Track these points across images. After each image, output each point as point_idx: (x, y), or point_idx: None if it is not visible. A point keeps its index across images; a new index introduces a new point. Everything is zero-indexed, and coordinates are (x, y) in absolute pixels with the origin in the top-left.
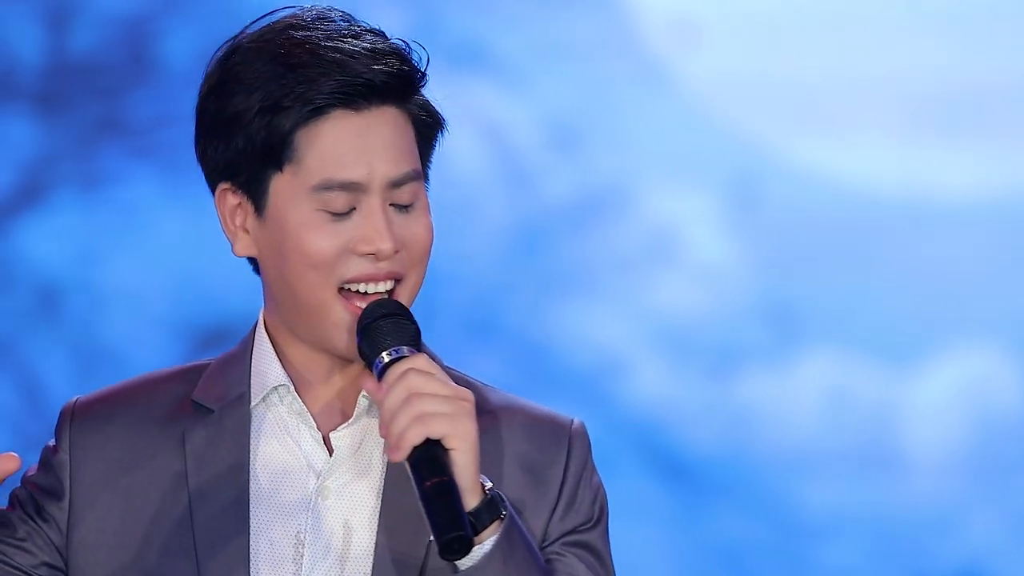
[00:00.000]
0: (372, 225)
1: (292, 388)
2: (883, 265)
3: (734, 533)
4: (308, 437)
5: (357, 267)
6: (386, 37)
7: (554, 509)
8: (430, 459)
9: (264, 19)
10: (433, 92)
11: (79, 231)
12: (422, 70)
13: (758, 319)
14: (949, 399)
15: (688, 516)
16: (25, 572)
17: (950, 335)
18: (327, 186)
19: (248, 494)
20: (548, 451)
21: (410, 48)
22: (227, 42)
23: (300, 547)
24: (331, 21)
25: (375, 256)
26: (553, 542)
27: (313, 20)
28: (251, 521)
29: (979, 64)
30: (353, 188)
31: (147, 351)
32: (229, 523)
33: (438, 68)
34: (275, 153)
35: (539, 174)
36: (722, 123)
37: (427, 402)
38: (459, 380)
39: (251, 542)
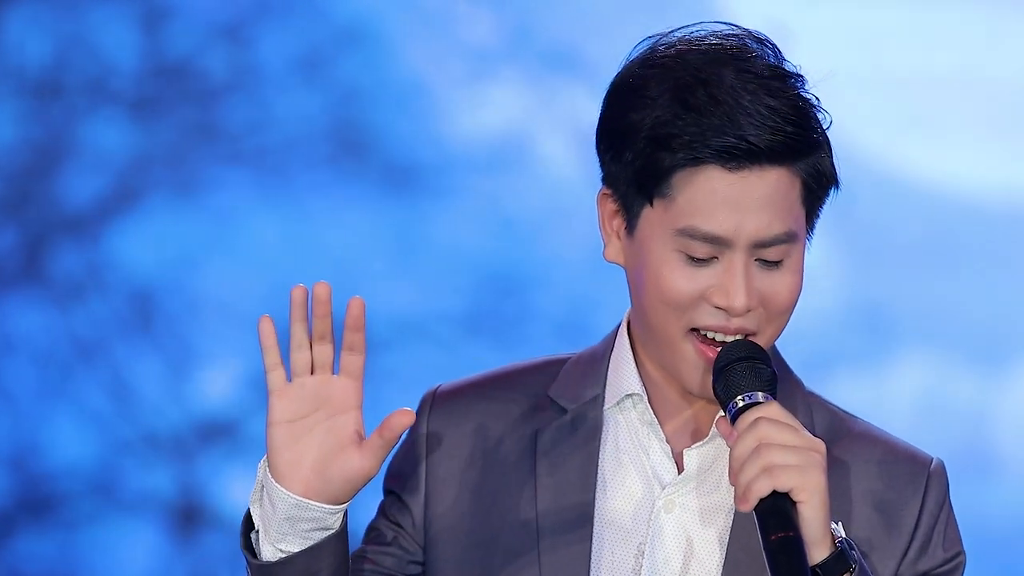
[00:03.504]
0: (730, 280)
1: (645, 399)
2: (976, 268)
3: None
4: (657, 449)
5: (708, 316)
6: (795, 86)
7: (906, 552)
8: (777, 512)
9: (692, 27)
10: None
11: (173, 236)
12: (816, 135)
13: (850, 322)
14: None
15: None
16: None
17: None
18: (691, 234)
19: (594, 501)
20: (904, 491)
21: (816, 107)
22: (650, 39)
23: (640, 558)
24: (747, 59)
25: (727, 312)
26: None
27: (733, 50)
28: (593, 528)
29: None
30: (717, 241)
31: (239, 356)
32: (574, 529)
33: (532, 74)
34: (651, 185)
35: None
36: None
37: (776, 453)
38: (819, 406)
39: (592, 549)
